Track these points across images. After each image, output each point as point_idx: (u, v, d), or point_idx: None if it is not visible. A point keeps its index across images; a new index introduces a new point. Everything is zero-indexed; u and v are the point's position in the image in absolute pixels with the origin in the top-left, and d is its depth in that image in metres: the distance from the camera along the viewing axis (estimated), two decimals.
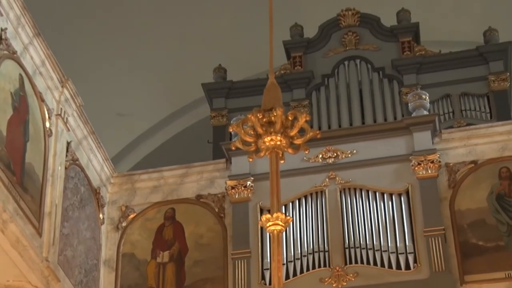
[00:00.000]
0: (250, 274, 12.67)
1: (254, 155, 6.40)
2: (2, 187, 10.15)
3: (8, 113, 10.72)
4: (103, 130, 14.46)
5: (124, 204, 13.73)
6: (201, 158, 15.00)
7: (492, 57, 16.87)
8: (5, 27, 10.67)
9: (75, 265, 12.19)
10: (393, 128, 13.58)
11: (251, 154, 6.41)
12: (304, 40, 17.60)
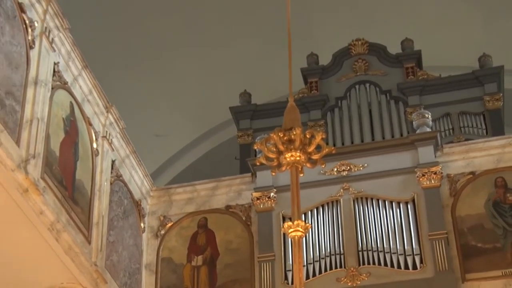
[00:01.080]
0: (274, 275, 12.62)
1: (276, 169, 6.40)
2: (56, 200, 10.23)
3: (61, 136, 10.81)
4: (143, 149, 14.49)
5: (162, 214, 13.73)
6: (229, 173, 15.00)
7: (487, 79, 16.86)
8: (57, 61, 10.76)
9: (120, 269, 12.23)
10: (400, 144, 13.53)
11: (273, 169, 6.42)
12: (319, 67, 17.60)
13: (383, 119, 16.38)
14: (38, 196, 9.64)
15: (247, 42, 19.51)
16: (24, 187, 9.42)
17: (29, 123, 9.80)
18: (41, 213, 9.78)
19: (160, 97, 20.06)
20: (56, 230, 10.04)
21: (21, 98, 9.69)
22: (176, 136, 20.96)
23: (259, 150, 6.50)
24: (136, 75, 19.18)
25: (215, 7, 18.97)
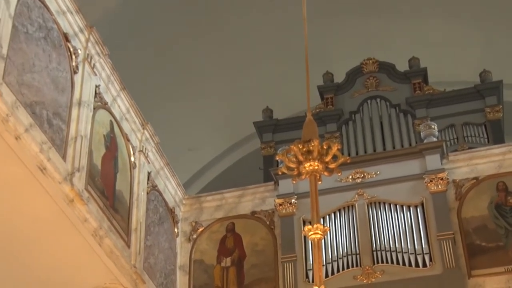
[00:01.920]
0: (296, 274, 12.62)
1: (296, 178, 6.38)
2: (98, 209, 10.30)
3: (102, 151, 10.87)
4: (175, 161, 14.49)
5: (194, 220, 13.76)
6: (254, 182, 15.00)
7: (487, 93, 16.79)
8: (98, 84, 10.84)
9: (157, 270, 12.25)
10: (409, 153, 13.49)
11: (294, 177, 6.38)
12: (334, 84, 17.59)
13: (393, 131, 16.33)
14: (82, 206, 9.68)
15: (268, 64, 19.49)
16: (70, 197, 9.46)
17: (74, 140, 9.86)
18: (86, 221, 9.82)
19: (191, 114, 20.07)
20: (99, 236, 10.09)
21: (66, 118, 9.76)
22: (205, 149, 20.99)
23: (281, 161, 6.51)
24: (169, 95, 19.21)
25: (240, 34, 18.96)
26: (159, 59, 18.64)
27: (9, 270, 10.09)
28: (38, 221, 9.51)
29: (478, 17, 18.64)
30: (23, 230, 9.56)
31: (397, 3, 18.74)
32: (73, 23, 10.17)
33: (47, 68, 9.42)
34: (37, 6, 9.38)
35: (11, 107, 8.35)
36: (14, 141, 8.49)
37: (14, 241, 9.69)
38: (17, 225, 9.47)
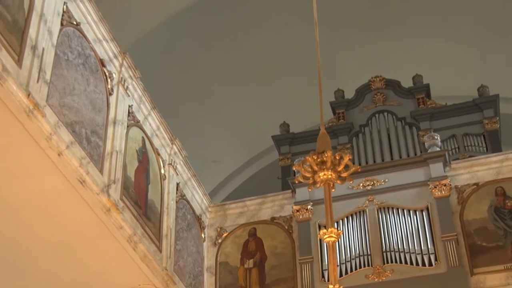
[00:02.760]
0: (313, 274, 12.62)
1: (312, 186, 6.39)
2: (133, 217, 10.32)
3: (135, 165, 10.91)
4: (202, 173, 14.46)
5: (219, 226, 13.74)
6: (273, 190, 14.95)
7: (485, 106, 16.75)
8: (131, 104, 10.89)
9: (186, 272, 12.25)
10: (414, 162, 13.45)
11: (310, 186, 6.40)
12: (345, 100, 17.57)
13: (400, 142, 16.27)
14: (118, 214, 9.71)
15: (284, 82, 19.50)
16: (107, 207, 9.49)
17: (110, 155, 9.90)
18: (121, 228, 9.85)
19: (214, 130, 20.12)
20: (133, 241, 10.11)
21: (103, 135, 9.80)
22: (228, 161, 21.01)
23: (297, 171, 6.58)
24: (195, 112, 19.24)
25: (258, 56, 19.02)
26: (185, 79, 18.71)
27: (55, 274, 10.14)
28: (78, 229, 9.56)
29: (475, 37, 18.62)
30: (66, 238, 9.60)
31: (401, 25, 18.74)
32: (108, 50, 10.24)
33: (85, 91, 9.48)
34: (76, 35, 9.45)
35: (53, 126, 8.42)
36: (57, 157, 8.54)
37: (58, 247, 9.73)
38: (60, 233, 9.52)
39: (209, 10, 17.40)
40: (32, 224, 9.29)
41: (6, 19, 7.94)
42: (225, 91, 19.61)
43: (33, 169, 8.64)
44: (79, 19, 9.57)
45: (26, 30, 8.26)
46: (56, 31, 8.90)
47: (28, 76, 8.12)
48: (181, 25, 17.37)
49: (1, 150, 8.28)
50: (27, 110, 7.99)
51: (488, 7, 17.92)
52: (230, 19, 18.20)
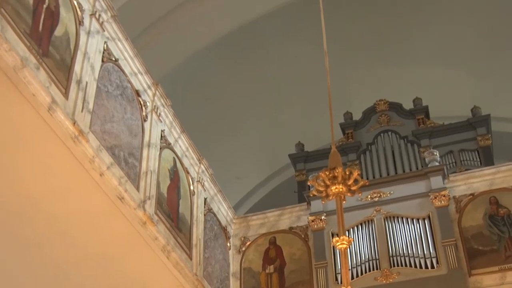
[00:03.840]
0: (327, 277, 12.59)
1: (325, 199, 6.44)
2: (166, 229, 10.34)
3: (167, 182, 10.92)
4: (226, 188, 14.42)
5: (242, 236, 13.72)
6: (290, 203, 14.90)
7: (478, 125, 16.68)
8: (163, 129, 10.95)
9: (214, 277, 12.24)
10: (416, 175, 13.40)
11: (323, 198, 6.45)
12: (353, 121, 17.54)
13: (403, 157, 16.19)
14: (153, 227, 9.74)
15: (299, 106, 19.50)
16: (143, 220, 9.52)
17: (145, 174, 9.95)
18: (156, 239, 9.87)
19: (237, 149, 20.10)
20: (167, 250, 10.13)
21: (139, 157, 9.86)
22: (250, 178, 20.97)
23: (312, 185, 6.54)
24: (220, 134, 19.25)
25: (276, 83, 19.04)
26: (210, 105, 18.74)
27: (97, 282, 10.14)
28: (118, 241, 9.61)
29: (468, 64, 18.61)
30: (107, 248, 9.62)
31: (402, 54, 18.74)
32: (142, 81, 10.33)
33: (123, 118, 9.57)
34: (115, 70, 9.56)
35: (96, 150, 8.50)
36: (99, 177, 8.61)
37: (100, 257, 9.74)
38: (102, 245, 9.54)
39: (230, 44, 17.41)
40: (77, 237, 9.30)
41: (55, 58, 8.08)
42: (246, 115, 19.66)
43: (78, 188, 8.69)
44: (117, 55, 9.69)
45: (72, 66, 8.39)
46: (97, 66, 9.04)
47: (73, 107, 8.22)
48: (205, 58, 17.43)
49: (51, 172, 8.34)
50: (73, 136, 8.08)
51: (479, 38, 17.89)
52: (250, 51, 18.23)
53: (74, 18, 8.68)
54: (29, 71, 7.41)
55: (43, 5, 7.99)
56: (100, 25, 9.24)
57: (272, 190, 21.30)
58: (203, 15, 16.29)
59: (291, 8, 16.75)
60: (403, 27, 18.19)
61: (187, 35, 16.48)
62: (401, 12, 17.81)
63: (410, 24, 18.09)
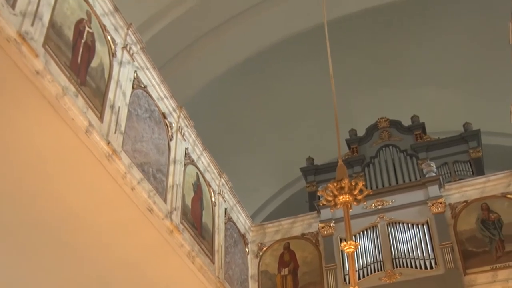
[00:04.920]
0: (337, 278, 12.55)
1: (333, 207, 6.46)
2: (191, 237, 10.35)
3: (191, 195, 10.94)
4: (244, 199, 14.38)
5: (259, 242, 13.68)
6: (302, 211, 14.87)
7: (470, 139, 16.66)
8: (187, 147, 10.97)
9: (234, 280, 12.20)
10: (415, 185, 13.37)
11: (332, 207, 6.47)
12: (357, 137, 17.49)
13: (403, 169, 16.16)
14: (179, 235, 9.76)
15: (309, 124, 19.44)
16: (170, 229, 9.55)
17: (172, 188, 9.97)
18: (182, 246, 9.89)
19: (254, 165, 20.05)
20: (192, 256, 10.14)
21: (166, 172, 9.88)
22: (265, 189, 20.89)
23: (321, 195, 6.51)
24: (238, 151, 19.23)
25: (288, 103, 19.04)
26: (229, 125, 18.79)
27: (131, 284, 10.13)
28: (148, 248, 9.61)
29: (459, 84, 18.57)
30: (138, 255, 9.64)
31: (400, 77, 18.73)
32: (168, 105, 10.39)
33: (151, 138, 9.62)
34: (144, 95, 9.64)
35: (127, 167, 8.56)
36: (130, 191, 8.67)
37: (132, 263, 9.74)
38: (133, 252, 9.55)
39: (246, 69, 17.44)
40: (111, 245, 9.34)
41: (92, 86, 8.19)
42: (262, 133, 19.63)
43: (112, 201, 8.74)
44: (146, 82, 9.77)
45: (106, 93, 8.48)
46: (128, 93, 9.13)
47: (107, 129, 8.29)
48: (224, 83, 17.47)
49: (88, 187, 8.40)
50: (107, 155, 8.15)
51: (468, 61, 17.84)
52: (264, 76, 18.24)
53: (108, 51, 8.79)
54: (69, 98, 7.50)
55: (81, 40, 8.12)
56: (130, 56, 9.35)
57: (285, 200, 21.22)
58: (221, 46, 16.35)
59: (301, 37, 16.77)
60: (400, 53, 18.18)
61: (207, 63, 16.55)
62: (398, 40, 17.78)
63: (407, 50, 18.08)
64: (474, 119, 17.43)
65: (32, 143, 7.63)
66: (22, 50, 6.84)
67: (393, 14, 16.93)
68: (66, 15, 7.88)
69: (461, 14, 16.88)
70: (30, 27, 7.04)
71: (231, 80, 17.63)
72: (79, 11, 8.21)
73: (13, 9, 6.86)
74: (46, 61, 7.23)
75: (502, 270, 11.55)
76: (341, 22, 15.77)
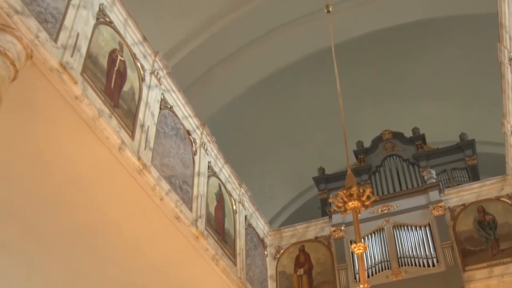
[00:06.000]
0: (348, 277, 12.53)
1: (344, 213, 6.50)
2: (214, 242, 10.33)
3: (214, 204, 10.93)
4: (262, 206, 14.37)
5: (277, 245, 13.65)
6: (315, 217, 14.85)
7: (465, 148, 16.66)
8: (210, 161, 11.00)
9: (255, 280, 12.19)
10: (417, 191, 13.34)
11: (342, 212, 6.52)
12: (364, 149, 17.50)
13: (406, 177, 16.14)
14: (204, 240, 9.79)
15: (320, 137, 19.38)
16: (196, 235, 9.57)
17: (196, 198, 9.99)
18: (206, 250, 9.92)
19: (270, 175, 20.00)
20: (216, 259, 10.16)
21: (191, 184, 9.91)
22: (281, 197, 20.83)
23: (332, 202, 6.56)
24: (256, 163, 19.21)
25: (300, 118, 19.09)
26: (247, 139, 18.78)
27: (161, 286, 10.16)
28: (176, 252, 9.65)
29: (455, 98, 18.54)
30: (167, 258, 9.67)
31: (402, 92, 18.71)
32: (192, 123, 10.44)
33: (178, 153, 9.67)
34: (170, 115, 9.70)
35: (156, 179, 8.62)
36: (159, 201, 8.73)
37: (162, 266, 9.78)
38: (163, 256, 9.60)
39: (262, 89, 17.46)
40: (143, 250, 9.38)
41: (124, 108, 8.29)
42: (277, 147, 19.60)
43: (143, 211, 8.79)
44: (172, 103, 9.84)
45: (137, 114, 8.57)
46: (156, 113, 9.20)
47: (138, 146, 8.36)
48: (242, 102, 17.49)
49: (121, 199, 8.46)
50: (138, 169, 8.21)
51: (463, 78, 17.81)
52: (278, 94, 18.24)
53: (138, 76, 8.90)
54: (104, 119, 7.60)
55: (114, 67, 8.24)
56: (158, 80, 9.43)
57: (299, 207, 21.13)
58: (239, 69, 16.43)
59: (311, 59, 16.79)
60: (401, 71, 18.17)
61: (227, 84, 16.62)
62: (399, 59, 17.77)
63: (407, 68, 18.06)
64: (469, 130, 17.44)
65: (72, 159, 7.72)
66: (63, 78, 6.99)
67: (393, 36, 16.95)
68: (101, 46, 8.02)
69: (455, 35, 16.88)
70: (70, 58, 7.20)
71: (249, 99, 17.67)
72: (112, 42, 8.34)
73: (55, 42, 7.04)
74: (84, 87, 7.36)
75: (498, 266, 11.50)
76: (347, 45, 15.82)
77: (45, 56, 6.78)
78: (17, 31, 6.45)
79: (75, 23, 7.44)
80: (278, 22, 15.79)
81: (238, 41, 15.85)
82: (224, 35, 15.32)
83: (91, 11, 7.90)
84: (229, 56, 16.10)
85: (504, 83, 10.02)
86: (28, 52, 6.56)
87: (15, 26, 6.43)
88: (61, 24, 7.19)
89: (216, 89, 16.52)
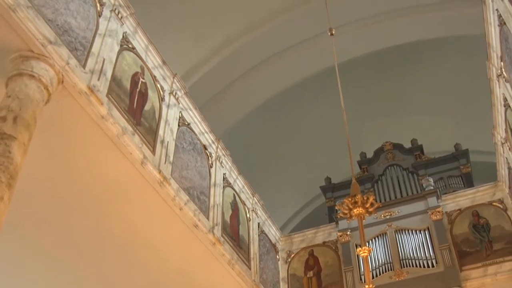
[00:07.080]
0: (354, 279, 12.50)
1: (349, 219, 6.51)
2: (230, 248, 10.34)
3: (229, 212, 10.95)
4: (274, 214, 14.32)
5: (288, 250, 13.62)
6: (322, 223, 14.79)
7: (460, 157, 16.58)
8: (225, 173, 10.97)
9: (268, 282, 12.17)
10: (417, 197, 13.30)
11: (348, 219, 6.52)
12: (367, 159, 17.40)
13: (406, 185, 16.04)
14: (220, 246, 9.82)
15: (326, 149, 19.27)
16: (213, 241, 9.59)
17: (213, 207, 10.00)
18: (223, 255, 9.92)
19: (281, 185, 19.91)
20: (231, 264, 10.17)
21: (208, 194, 9.91)
22: (291, 206, 20.73)
23: (339, 209, 6.59)
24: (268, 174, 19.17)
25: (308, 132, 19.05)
26: (259, 152, 18.74)
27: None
28: (194, 258, 9.68)
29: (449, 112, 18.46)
30: (187, 263, 9.70)
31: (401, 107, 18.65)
32: (208, 138, 10.44)
33: (195, 166, 9.69)
34: (188, 131, 9.73)
35: (176, 191, 8.66)
36: (179, 211, 8.76)
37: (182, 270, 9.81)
38: (182, 261, 9.62)
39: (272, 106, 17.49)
40: (165, 256, 9.44)
41: (145, 126, 8.35)
42: (287, 159, 19.55)
43: (164, 220, 8.84)
44: (189, 121, 9.87)
45: (157, 131, 8.62)
46: (175, 130, 9.24)
47: (159, 160, 8.40)
48: (254, 118, 17.50)
49: (143, 209, 8.51)
50: (159, 181, 8.25)
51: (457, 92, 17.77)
52: (287, 110, 18.23)
53: (158, 97, 8.96)
54: (128, 136, 7.68)
55: (137, 89, 8.33)
56: (176, 100, 9.49)
57: (308, 214, 21.02)
58: (250, 88, 16.48)
59: (316, 78, 16.80)
60: (400, 88, 18.13)
61: (239, 102, 16.67)
62: (398, 76, 17.76)
63: (405, 85, 18.02)
64: (463, 141, 17.35)
65: (98, 173, 7.78)
66: (91, 99, 7.09)
67: (392, 56, 16.99)
68: (125, 70, 8.12)
69: (449, 55, 16.89)
70: (97, 81, 7.31)
71: (260, 116, 17.70)
72: (134, 66, 8.44)
73: (84, 68, 7.17)
74: (109, 107, 7.46)
75: (491, 265, 11.46)
76: (349, 64, 15.86)
77: (75, 80, 6.91)
78: (50, 59, 6.57)
79: (101, 50, 7.56)
80: (286, 45, 15.86)
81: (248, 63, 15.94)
82: (236, 57, 15.42)
83: (116, 39, 8.01)
84: (240, 77, 16.17)
85: (494, 98, 10.05)
86: (59, 77, 6.68)
87: (49, 55, 6.55)
88: (89, 51, 7.32)
89: (230, 106, 16.57)
